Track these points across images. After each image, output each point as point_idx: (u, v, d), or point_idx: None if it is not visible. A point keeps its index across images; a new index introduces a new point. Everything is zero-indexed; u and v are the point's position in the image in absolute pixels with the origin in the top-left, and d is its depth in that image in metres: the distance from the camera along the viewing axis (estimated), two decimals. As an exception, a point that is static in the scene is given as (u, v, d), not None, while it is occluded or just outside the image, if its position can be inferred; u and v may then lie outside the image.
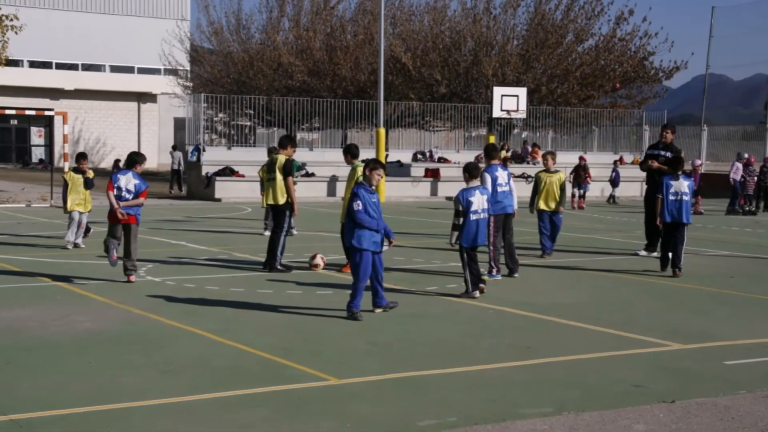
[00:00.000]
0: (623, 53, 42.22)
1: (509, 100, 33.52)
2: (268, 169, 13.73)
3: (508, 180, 13.06)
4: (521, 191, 19.61)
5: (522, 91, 34.43)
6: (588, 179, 29.99)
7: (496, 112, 33.60)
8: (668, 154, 15.36)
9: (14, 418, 6.14)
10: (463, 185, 11.31)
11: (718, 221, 24.57)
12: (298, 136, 41.33)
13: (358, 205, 9.68)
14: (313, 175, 31.65)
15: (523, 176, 32.85)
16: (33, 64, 56.98)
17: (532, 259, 14.93)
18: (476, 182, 11.28)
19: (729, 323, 10.05)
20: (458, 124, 41.55)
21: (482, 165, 13.05)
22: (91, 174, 16.01)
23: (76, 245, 15.67)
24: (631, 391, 7.11)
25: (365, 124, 39.38)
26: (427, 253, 15.80)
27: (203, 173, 31.08)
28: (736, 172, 28.10)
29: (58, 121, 33.74)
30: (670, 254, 13.60)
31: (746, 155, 29.24)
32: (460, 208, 11.00)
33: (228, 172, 30.82)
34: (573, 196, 29.12)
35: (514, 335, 9.18)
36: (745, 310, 10.90)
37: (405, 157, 36.11)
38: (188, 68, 51.92)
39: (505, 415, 6.40)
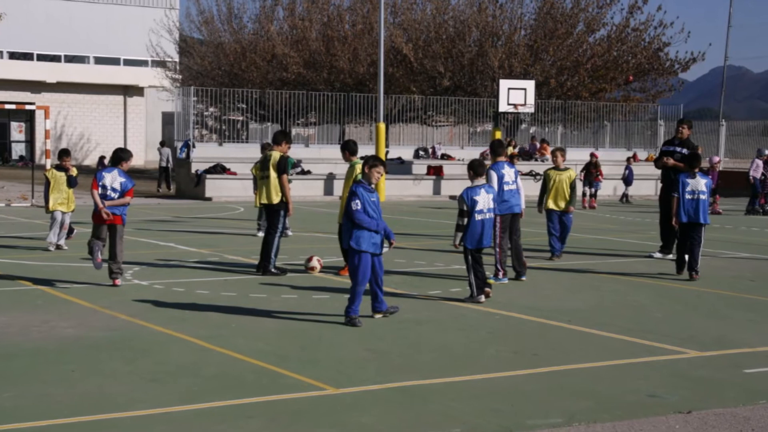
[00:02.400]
0: (637, 44, 42.26)
1: (516, 94, 33.53)
2: (262, 166, 13.73)
3: (516, 178, 13.06)
4: (529, 190, 19.64)
5: (530, 84, 34.46)
6: (600, 177, 30.00)
7: (503, 106, 33.63)
8: (684, 151, 15.38)
9: (-7, 430, 6.15)
10: (468, 183, 11.31)
11: (737, 221, 24.59)
12: (294, 131, 41.40)
13: (356, 205, 9.68)
14: (309, 172, 31.68)
15: (531, 174, 32.87)
16: (13, 56, 57.02)
17: (540, 262, 14.94)
18: (481, 180, 11.29)
19: (749, 329, 10.05)
20: (462, 118, 41.57)
21: (488, 162, 13.06)
22: (74, 172, 16.02)
23: (58, 247, 15.68)
24: (645, 401, 7.12)
25: (364, 119, 39.44)
26: (430, 255, 15.82)
27: (193, 171, 31.10)
28: (756, 170, 28.10)
29: (39, 115, 33.72)
30: (686, 256, 13.61)
31: (767, 152, 29.23)
32: (465, 208, 11.01)
33: (219, 169, 30.85)
34: (584, 194, 29.15)
35: (521, 342, 9.19)
36: (765, 316, 10.91)
37: (406, 153, 36.14)
38: (177, 60, 51.96)
39: (512, 426, 6.41)
